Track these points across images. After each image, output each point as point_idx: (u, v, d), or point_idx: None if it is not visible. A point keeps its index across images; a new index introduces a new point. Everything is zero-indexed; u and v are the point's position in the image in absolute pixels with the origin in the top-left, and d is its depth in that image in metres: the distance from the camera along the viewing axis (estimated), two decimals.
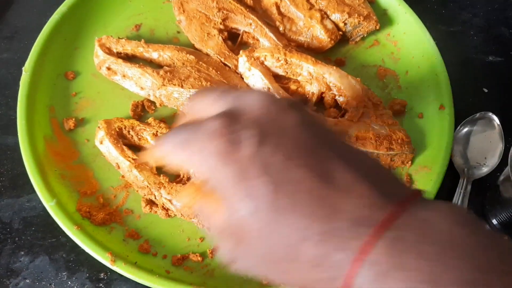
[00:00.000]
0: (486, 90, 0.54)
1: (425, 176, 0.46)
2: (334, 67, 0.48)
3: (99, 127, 0.45)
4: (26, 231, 0.44)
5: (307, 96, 0.49)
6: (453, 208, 0.25)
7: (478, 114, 0.50)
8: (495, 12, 0.59)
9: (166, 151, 0.28)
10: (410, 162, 0.46)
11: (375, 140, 0.44)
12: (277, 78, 0.49)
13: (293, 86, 0.49)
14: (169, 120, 0.49)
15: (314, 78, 0.48)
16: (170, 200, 0.43)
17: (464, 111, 0.50)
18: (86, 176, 0.45)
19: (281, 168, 0.25)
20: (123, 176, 0.45)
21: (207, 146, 0.26)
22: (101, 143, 0.45)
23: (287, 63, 0.47)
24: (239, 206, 0.26)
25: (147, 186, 0.43)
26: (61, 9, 0.52)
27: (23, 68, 0.48)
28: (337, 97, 0.48)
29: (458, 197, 0.46)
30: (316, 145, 0.26)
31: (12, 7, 0.56)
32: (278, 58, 0.47)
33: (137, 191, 0.44)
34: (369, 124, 0.45)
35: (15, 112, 0.46)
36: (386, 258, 0.23)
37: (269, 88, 0.47)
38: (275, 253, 0.26)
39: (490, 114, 0.50)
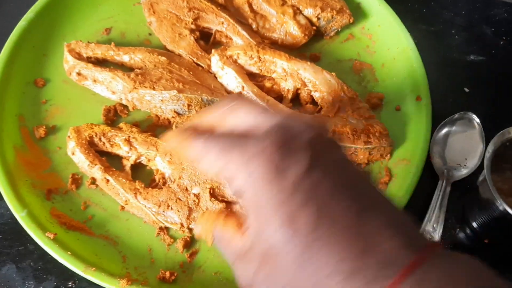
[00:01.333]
0: (467, 90, 0.53)
1: (405, 168, 0.46)
2: (309, 63, 0.48)
3: (69, 136, 0.44)
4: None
5: (283, 93, 0.48)
6: (469, 260, 0.26)
7: (457, 114, 0.48)
8: (477, 11, 0.59)
9: (204, 153, 0.28)
10: (389, 155, 0.46)
11: (352, 135, 0.44)
12: (251, 76, 0.48)
13: (267, 84, 0.48)
14: (142, 124, 0.48)
15: (289, 74, 0.47)
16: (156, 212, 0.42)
17: (445, 110, 0.49)
18: (57, 185, 0.44)
19: (326, 200, 0.25)
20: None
21: (255, 163, 0.26)
22: (73, 154, 0.44)
23: (260, 60, 0.47)
24: (274, 232, 0.25)
25: (123, 194, 0.42)
26: (28, 15, 0.50)
27: None
28: (312, 93, 0.48)
29: (437, 199, 0.44)
30: (357, 182, 0.27)
31: None
32: (251, 55, 0.46)
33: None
34: (346, 119, 0.45)
35: None
36: None
37: (243, 87, 0.46)
38: (300, 284, 0.25)
39: (470, 114, 0.48)
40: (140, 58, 0.49)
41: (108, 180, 0.43)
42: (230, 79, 0.47)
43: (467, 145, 0.47)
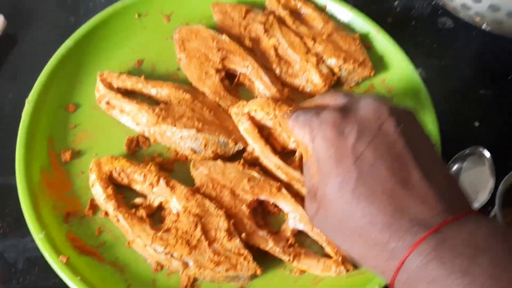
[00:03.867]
0: (477, 124, 0.54)
1: None
2: None
3: (91, 169, 0.47)
4: (30, 272, 0.46)
5: (294, 149, 0.49)
6: (494, 224, 0.32)
7: (468, 150, 0.50)
8: (486, 45, 0.60)
9: (294, 124, 0.41)
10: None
11: None
12: (266, 128, 0.50)
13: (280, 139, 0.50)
14: (161, 157, 0.50)
15: None
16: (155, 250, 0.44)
17: (455, 145, 0.50)
18: (76, 208, 0.47)
19: (370, 163, 0.33)
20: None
21: (321, 130, 0.36)
22: (92, 185, 0.47)
23: (276, 117, 0.48)
24: (329, 181, 0.34)
25: (130, 234, 0.44)
26: (67, 43, 0.54)
27: (26, 100, 0.50)
28: None
29: None
30: (404, 152, 0.34)
31: (16, 47, 0.58)
32: (268, 112, 0.48)
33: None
34: None
35: None
36: (430, 251, 0.30)
37: (253, 150, 0.48)
38: (346, 226, 0.34)
39: (481, 149, 0.49)
40: (166, 93, 0.52)
41: (118, 219, 0.45)
42: (244, 133, 0.49)
43: (477, 180, 0.49)
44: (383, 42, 0.56)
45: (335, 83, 0.54)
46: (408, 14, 0.62)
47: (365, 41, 0.56)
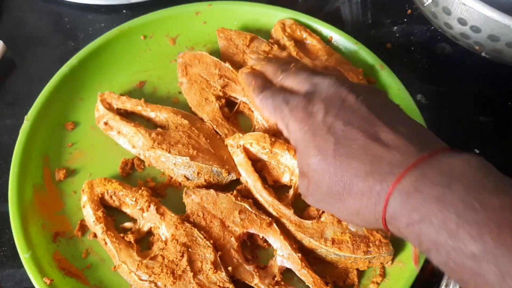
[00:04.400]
0: (477, 151, 0.54)
1: (399, 271, 0.45)
2: None
3: (83, 190, 0.47)
4: None
5: (288, 184, 0.49)
6: (470, 155, 0.34)
7: None
8: (485, 71, 0.59)
9: (263, 105, 0.44)
10: (390, 262, 0.46)
11: (351, 244, 0.44)
12: (261, 161, 0.49)
13: (274, 173, 0.49)
14: (154, 181, 0.50)
15: (292, 171, 0.49)
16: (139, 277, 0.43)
17: None
18: (65, 229, 0.47)
19: (341, 130, 0.37)
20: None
21: (292, 115, 0.40)
22: (83, 207, 0.47)
23: (271, 152, 0.48)
24: (310, 154, 0.38)
25: (117, 259, 0.44)
26: (71, 61, 0.54)
27: (25, 117, 0.51)
28: None
29: None
30: (369, 114, 0.37)
31: (14, 71, 0.58)
32: (263, 146, 0.48)
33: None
34: (346, 226, 0.45)
35: None
36: (410, 186, 0.33)
37: (246, 182, 0.48)
38: (335, 190, 0.37)
39: None
40: (165, 117, 0.52)
41: (106, 242, 0.45)
42: (239, 165, 0.49)
43: None
44: (386, 78, 0.55)
45: None
46: (407, 40, 0.62)
47: (369, 75, 0.56)
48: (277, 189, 0.49)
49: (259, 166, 0.50)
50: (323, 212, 0.47)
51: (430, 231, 0.32)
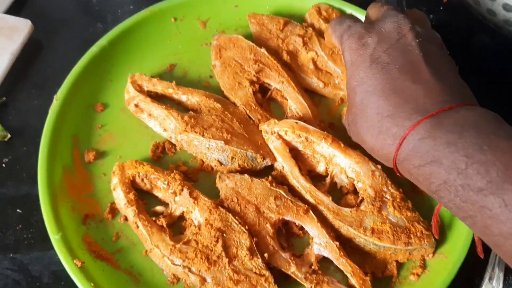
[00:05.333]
0: None
1: (440, 263, 0.44)
2: (356, 154, 0.46)
3: (113, 172, 0.46)
4: (56, 286, 0.44)
5: (323, 174, 0.48)
6: (486, 110, 0.36)
7: None
8: None
9: (332, 32, 0.47)
10: (431, 254, 0.44)
11: (392, 234, 0.42)
12: (295, 149, 0.48)
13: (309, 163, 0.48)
14: (186, 165, 0.49)
15: (329, 160, 0.47)
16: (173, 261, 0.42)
17: None
18: (95, 211, 0.46)
19: (384, 65, 0.39)
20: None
21: (348, 43, 0.42)
22: (114, 189, 0.45)
23: (308, 140, 0.46)
24: (350, 86, 0.41)
25: (149, 242, 0.43)
26: (101, 42, 0.53)
27: (54, 96, 0.49)
28: (355, 183, 0.46)
29: (495, 257, 0.45)
30: (418, 58, 0.39)
31: (42, 52, 0.57)
32: (299, 134, 0.46)
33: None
34: (386, 216, 0.44)
35: None
36: (424, 132, 0.35)
37: (282, 168, 0.47)
38: (364, 118, 0.39)
39: None
40: (196, 101, 0.51)
41: (137, 226, 0.43)
42: (274, 151, 0.47)
43: None
44: None
45: None
46: (444, 30, 0.60)
47: None
48: (312, 178, 0.47)
49: (292, 155, 0.48)
50: (361, 200, 0.45)
51: (440, 172, 0.34)
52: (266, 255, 0.42)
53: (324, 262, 0.44)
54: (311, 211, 0.44)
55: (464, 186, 0.32)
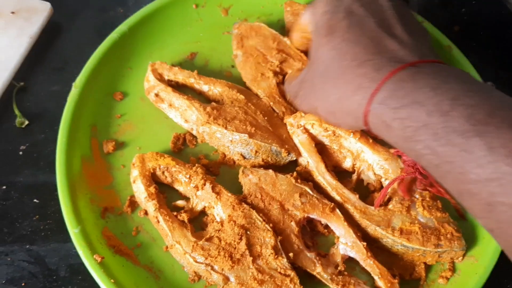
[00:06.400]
0: None
1: (470, 266, 0.42)
2: (385, 150, 0.44)
3: (133, 164, 0.44)
4: (73, 280, 0.42)
5: (350, 170, 0.46)
6: (451, 67, 0.37)
7: None
8: None
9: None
10: (461, 258, 0.42)
11: (421, 235, 0.41)
12: (320, 144, 0.46)
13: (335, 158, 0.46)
14: (207, 158, 0.47)
15: (357, 155, 0.45)
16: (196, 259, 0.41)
17: None
18: (114, 204, 0.44)
19: (360, 17, 0.39)
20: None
21: (319, 7, 0.42)
22: (134, 182, 0.44)
23: (335, 135, 0.45)
24: (319, 35, 0.41)
25: (170, 238, 0.42)
26: (121, 28, 0.51)
27: (73, 84, 0.48)
28: (382, 180, 0.45)
29: None
30: (392, 14, 0.39)
31: (62, 36, 0.55)
32: (326, 128, 0.44)
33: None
34: (415, 216, 0.42)
35: None
36: (406, 76, 0.34)
37: (308, 164, 0.45)
38: (330, 73, 0.39)
39: None
40: (219, 91, 0.49)
41: (158, 220, 0.42)
42: (299, 145, 0.46)
43: None
44: (454, 59, 0.51)
45: None
46: (476, 22, 0.58)
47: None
48: (337, 174, 0.46)
49: (318, 149, 0.46)
50: (389, 199, 0.44)
51: (420, 114, 0.32)
52: (291, 254, 0.41)
53: (349, 262, 0.42)
54: (337, 209, 0.43)
55: (447, 129, 0.31)
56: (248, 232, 0.41)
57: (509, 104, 0.31)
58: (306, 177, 0.46)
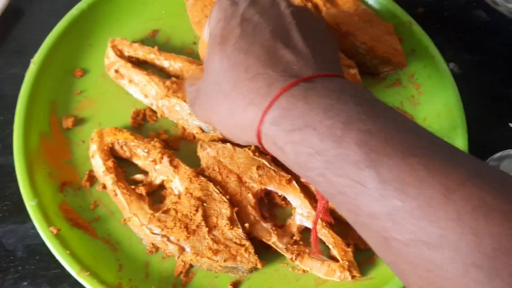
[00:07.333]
0: (511, 125, 0.51)
1: None
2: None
3: (92, 139, 0.44)
4: (30, 260, 0.43)
5: None
6: (360, 84, 0.35)
7: (501, 153, 0.47)
8: None
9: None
10: None
11: None
12: None
13: None
14: (167, 133, 0.47)
15: None
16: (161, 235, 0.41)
17: (489, 147, 0.48)
18: (72, 179, 0.45)
19: (254, 25, 0.35)
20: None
21: (218, 3, 0.39)
22: (92, 156, 0.44)
23: None
24: (212, 44, 0.36)
25: (127, 211, 0.42)
26: (81, 5, 0.51)
27: (31, 60, 0.47)
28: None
29: None
30: (290, 22, 0.36)
31: (22, 20, 0.55)
32: None
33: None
34: None
35: None
36: (299, 94, 0.31)
37: None
38: (222, 86, 0.35)
39: None
40: (179, 67, 0.49)
41: (116, 194, 0.42)
42: None
43: None
44: (414, 34, 0.52)
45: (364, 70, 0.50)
46: (441, 5, 0.59)
47: (396, 32, 0.53)
48: None
49: None
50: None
51: (313, 139, 0.30)
52: (247, 225, 0.41)
53: (305, 233, 0.43)
54: (294, 181, 0.43)
55: (339, 157, 0.29)
56: (204, 204, 0.42)
57: (405, 128, 0.29)
58: (264, 151, 0.46)
